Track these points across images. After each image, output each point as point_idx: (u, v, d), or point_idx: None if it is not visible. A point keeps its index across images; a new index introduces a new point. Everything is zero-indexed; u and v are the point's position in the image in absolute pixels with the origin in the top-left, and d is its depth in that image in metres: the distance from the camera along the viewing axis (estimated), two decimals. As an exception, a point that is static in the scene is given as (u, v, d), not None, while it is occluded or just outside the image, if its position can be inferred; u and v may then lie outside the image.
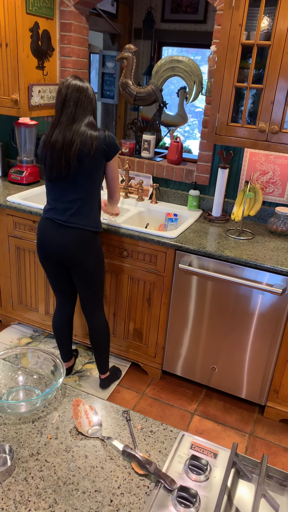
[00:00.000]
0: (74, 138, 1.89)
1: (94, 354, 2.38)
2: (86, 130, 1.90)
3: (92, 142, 1.89)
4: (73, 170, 1.92)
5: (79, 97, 1.90)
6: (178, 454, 1.01)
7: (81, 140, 1.89)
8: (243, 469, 0.96)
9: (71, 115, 1.91)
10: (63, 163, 1.91)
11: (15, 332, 2.93)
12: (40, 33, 2.53)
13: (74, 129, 1.90)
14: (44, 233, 2.06)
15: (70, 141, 1.89)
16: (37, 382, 1.22)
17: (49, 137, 1.94)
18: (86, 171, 1.94)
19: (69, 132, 1.90)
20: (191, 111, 6.55)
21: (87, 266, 2.08)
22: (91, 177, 1.97)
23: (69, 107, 1.90)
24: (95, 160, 1.93)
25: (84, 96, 1.91)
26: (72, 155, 1.89)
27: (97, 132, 1.92)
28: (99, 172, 2.00)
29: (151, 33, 5.03)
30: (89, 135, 1.90)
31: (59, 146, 1.90)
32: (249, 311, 2.19)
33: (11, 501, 0.88)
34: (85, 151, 1.89)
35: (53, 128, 1.94)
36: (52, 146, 1.92)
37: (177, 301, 2.35)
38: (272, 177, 2.51)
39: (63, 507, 0.88)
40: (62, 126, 1.91)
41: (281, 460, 2.14)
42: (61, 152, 1.90)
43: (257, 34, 2.00)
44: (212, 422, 2.34)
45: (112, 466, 0.98)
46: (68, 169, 1.92)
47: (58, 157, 1.91)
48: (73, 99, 1.89)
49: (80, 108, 1.91)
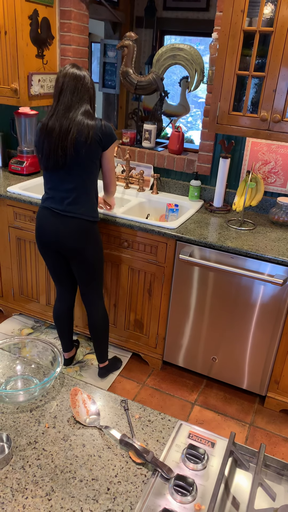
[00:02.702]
0: (71, 126, 1.87)
1: (93, 343, 2.39)
2: (83, 119, 1.89)
3: (89, 131, 1.88)
4: (69, 158, 1.91)
5: (75, 86, 1.88)
6: (175, 443, 1.01)
7: (77, 129, 1.87)
8: (241, 458, 0.96)
9: (68, 104, 1.89)
10: (60, 152, 1.90)
11: (17, 323, 2.94)
12: (40, 20, 2.50)
13: (71, 117, 1.89)
14: (42, 222, 2.06)
15: (66, 130, 1.88)
16: (35, 372, 1.22)
17: (45, 125, 1.92)
18: (82, 160, 1.93)
19: (65, 121, 1.89)
20: (194, 101, 6.49)
21: (86, 255, 2.07)
22: (88, 167, 1.96)
23: (65, 96, 1.89)
24: (91, 149, 1.92)
25: (81, 84, 1.89)
26: (69, 143, 1.88)
27: (93, 121, 1.91)
28: (96, 161, 1.99)
29: (153, 22, 4.96)
30: (85, 124, 1.88)
31: (56, 134, 1.89)
32: (250, 301, 2.18)
33: (8, 489, 0.88)
34: (81, 140, 1.88)
35: (50, 116, 1.93)
36: (49, 134, 1.91)
37: (177, 292, 2.34)
38: (274, 167, 2.49)
39: (60, 495, 0.88)
40: (59, 114, 1.90)
41: (281, 450, 2.15)
42: (58, 141, 1.89)
43: (259, 20, 1.97)
44: (212, 412, 2.35)
45: (110, 455, 0.98)
46: (64, 157, 1.91)
47: (54, 145, 1.90)
48: (70, 87, 1.88)
49: (76, 97, 1.89)
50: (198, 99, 6.53)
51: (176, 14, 4.87)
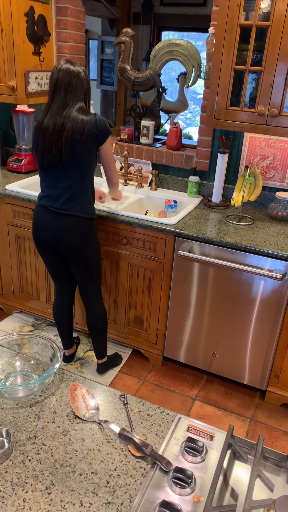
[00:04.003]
0: (65, 124, 1.86)
1: (91, 339, 2.39)
2: (77, 115, 1.88)
3: (84, 126, 1.87)
4: (65, 157, 1.91)
5: (70, 81, 1.87)
6: (174, 437, 1.01)
7: (72, 126, 1.86)
8: (239, 450, 0.96)
9: (62, 100, 1.88)
10: (54, 151, 1.89)
11: (17, 321, 2.94)
12: (36, 17, 2.49)
13: (65, 114, 1.87)
14: (39, 220, 2.06)
15: (60, 128, 1.87)
16: (34, 368, 1.22)
17: (40, 124, 1.92)
18: (78, 158, 1.93)
19: (59, 118, 1.88)
20: (192, 97, 6.48)
21: (83, 252, 2.07)
22: (83, 163, 1.95)
23: (59, 92, 1.88)
24: (86, 146, 1.91)
25: (75, 80, 1.88)
26: (64, 142, 1.87)
27: (88, 117, 1.89)
28: (91, 157, 1.98)
29: (150, 18, 4.95)
30: (80, 119, 1.87)
31: (50, 133, 1.88)
32: (249, 296, 2.18)
33: (8, 483, 0.89)
34: (76, 137, 1.87)
35: (45, 114, 1.92)
36: (43, 132, 1.90)
37: (177, 288, 2.35)
38: (272, 161, 2.48)
39: (60, 489, 0.88)
40: (53, 111, 1.89)
41: (282, 444, 2.16)
42: (52, 139, 1.88)
43: (256, 14, 1.96)
44: (213, 407, 2.36)
45: (109, 449, 0.99)
46: (59, 156, 1.90)
47: (49, 144, 1.89)
48: (64, 83, 1.87)
49: (70, 94, 1.88)
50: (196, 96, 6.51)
51: (174, 10, 4.86)
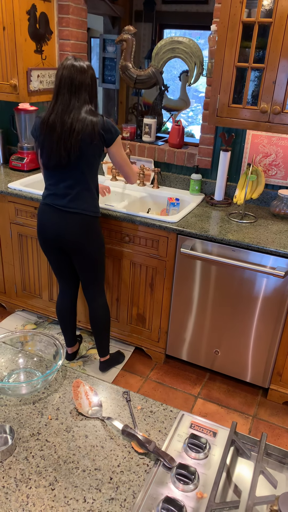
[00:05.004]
0: (74, 125, 1.84)
1: (94, 337, 2.40)
2: (86, 116, 1.86)
3: (93, 128, 1.86)
4: (73, 158, 1.89)
5: (75, 79, 1.85)
6: (177, 433, 1.02)
7: (82, 128, 1.84)
8: (242, 447, 0.96)
9: (67, 99, 1.86)
10: (63, 152, 1.87)
11: (20, 319, 2.95)
12: (38, 15, 2.49)
13: (73, 115, 1.85)
14: (44, 218, 2.06)
15: (69, 129, 1.85)
16: (37, 365, 1.22)
17: (46, 121, 1.89)
18: (85, 158, 1.92)
19: (67, 118, 1.85)
20: (194, 96, 6.47)
21: (88, 250, 2.08)
22: (90, 163, 1.95)
23: (63, 92, 1.86)
24: (94, 147, 1.91)
25: (82, 77, 1.86)
26: (74, 144, 1.85)
27: (96, 118, 1.88)
28: (97, 157, 1.97)
29: (152, 15, 4.94)
30: (89, 121, 1.85)
31: (58, 134, 1.86)
32: (252, 294, 2.18)
33: (12, 479, 0.89)
34: (86, 139, 1.86)
35: (50, 111, 1.90)
36: (50, 133, 1.88)
37: (179, 286, 2.35)
38: (275, 159, 2.48)
39: (63, 485, 0.89)
40: (59, 110, 1.87)
41: (284, 442, 2.15)
42: (60, 140, 1.86)
43: (258, 11, 1.96)
44: (215, 405, 2.36)
45: (112, 445, 0.99)
46: (68, 157, 1.89)
47: (57, 145, 1.87)
48: (68, 82, 1.85)
49: (75, 93, 1.86)
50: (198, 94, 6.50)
51: (175, 8, 4.85)
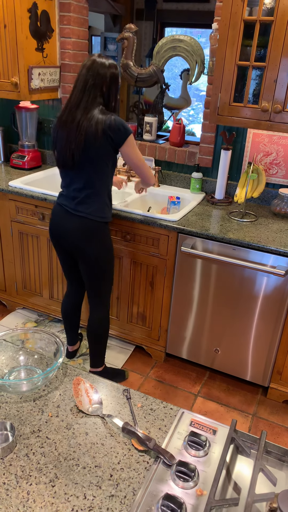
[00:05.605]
0: (81, 124, 1.82)
1: (88, 344, 2.36)
2: (95, 115, 1.83)
3: (97, 127, 1.81)
4: (77, 159, 1.88)
5: (87, 80, 1.82)
6: (177, 431, 1.02)
7: (87, 126, 1.82)
8: (242, 444, 0.96)
9: (78, 99, 1.85)
10: (68, 153, 1.87)
11: (20, 317, 2.95)
12: (39, 13, 2.49)
13: (84, 113, 1.83)
14: (54, 218, 2.06)
15: (76, 127, 1.83)
16: (38, 362, 1.23)
17: (60, 117, 1.90)
18: (92, 160, 1.88)
19: (79, 116, 1.83)
20: (195, 94, 6.46)
21: (89, 254, 2.04)
22: (98, 167, 1.91)
23: (77, 91, 1.85)
24: (100, 149, 1.86)
25: (100, 73, 1.82)
26: (78, 143, 1.84)
27: (103, 116, 1.83)
28: (107, 161, 1.91)
29: (153, 14, 4.93)
30: (95, 119, 1.82)
31: (66, 134, 1.86)
32: (252, 293, 2.18)
33: (12, 476, 0.90)
34: (90, 139, 1.83)
35: (64, 108, 1.90)
36: (62, 129, 1.88)
37: (180, 284, 2.35)
38: (276, 158, 2.48)
39: (64, 482, 0.89)
40: (72, 106, 1.86)
41: (284, 440, 2.16)
42: (67, 142, 1.86)
43: (260, 10, 1.95)
44: (215, 403, 2.36)
45: (112, 443, 0.99)
46: (72, 159, 1.88)
47: (64, 146, 1.87)
48: (82, 82, 1.83)
49: (87, 93, 1.83)
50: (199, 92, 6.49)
51: (177, 6, 4.84)
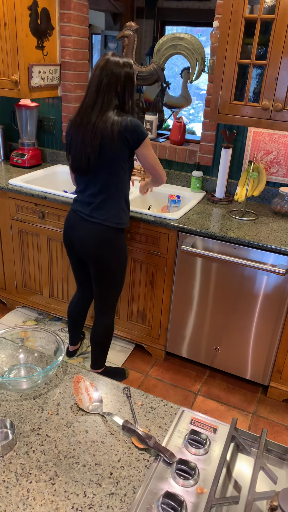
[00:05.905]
0: (97, 125, 1.78)
1: (90, 346, 2.36)
2: (110, 116, 1.78)
3: (113, 129, 1.77)
4: (93, 164, 1.84)
5: (101, 81, 1.78)
6: (178, 429, 1.02)
7: (103, 128, 1.77)
8: (242, 443, 0.96)
9: (93, 100, 1.80)
10: (83, 157, 1.84)
11: (20, 315, 2.95)
12: (39, 11, 2.48)
13: (97, 118, 1.79)
14: (68, 224, 2.04)
15: (91, 130, 1.79)
16: (38, 360, 1.22)
17: (74, 120, 1.86)
18: (107, 164, 1.84)
19: (94, 118, 1.79)
20: (195, 93, 6.44)
21: (103, 264, 2.00)
22: (113, 171, 1.87)
23: (91, 92, 1.81)
24: (116, 151, 1.82)
25: (107, 79, 1.78)
26: (93, 145, 1.79)
27: (119, 118, 1.78)
28: (122, 164, 1.87)
29: (153, 12, 4.93)
30: (111, 121, 1.77)
31: (82, 134, 1.82)
32: (252, 292, 2.18)
33: (12, 474, 0.89)
34: (106, 141, 1.79)
35: (79, 110, 1.86)
36: (77, 132, 1.84)
37: (180, 283, 2.35)
38: (276, 156, 2.47)
39: (64, 479, 0.89)
40: (87, 110, 1.82)
41: (284, 439, 2.16)
42: (82, 146, 1.82)
43: (261, 7, 1.95)
44: (215, 402, 2.36)
45: (112, 441, 0.99)
46: (87, 163, 1.84)
47: (80, 151, 1.84)
48: (96, 82, 1.79)
49: (101, 94, 1.79)
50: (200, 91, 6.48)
51: (177, 4, 4.83)
